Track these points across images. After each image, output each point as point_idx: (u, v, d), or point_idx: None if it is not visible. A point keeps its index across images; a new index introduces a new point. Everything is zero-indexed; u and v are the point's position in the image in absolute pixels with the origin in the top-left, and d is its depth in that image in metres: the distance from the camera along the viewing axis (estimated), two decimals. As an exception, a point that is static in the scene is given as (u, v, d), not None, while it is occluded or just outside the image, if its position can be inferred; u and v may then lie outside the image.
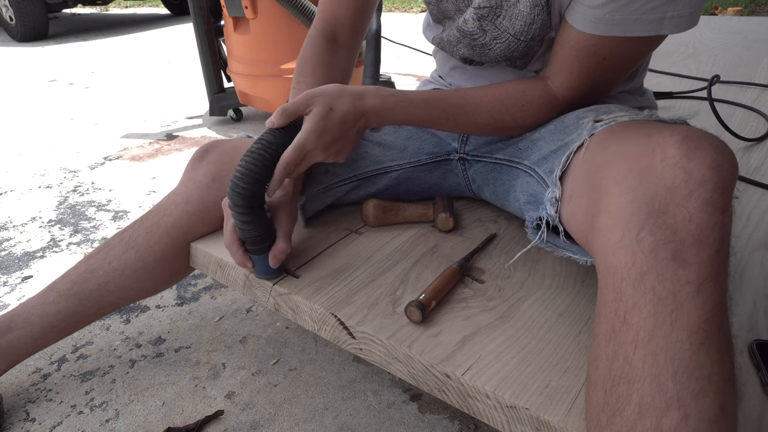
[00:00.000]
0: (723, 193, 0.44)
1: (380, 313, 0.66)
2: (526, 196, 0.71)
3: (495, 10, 0.69)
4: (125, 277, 0.84)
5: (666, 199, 0.44)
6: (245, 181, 0.63)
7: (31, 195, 1.75)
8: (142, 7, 6.78)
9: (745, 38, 2.03)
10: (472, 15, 0.71)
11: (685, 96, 1.42)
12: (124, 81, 3.24)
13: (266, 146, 0.64)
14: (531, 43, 0.70)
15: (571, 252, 0.62)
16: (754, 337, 0.61)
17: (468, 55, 0.77)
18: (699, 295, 0.42)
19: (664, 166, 0.46)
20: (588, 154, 0.58)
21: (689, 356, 0.41)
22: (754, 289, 0.68)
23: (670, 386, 0.40)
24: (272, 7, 1.93)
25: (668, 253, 0.43)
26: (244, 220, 0.65)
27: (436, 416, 0.86)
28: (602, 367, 0.45)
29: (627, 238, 0.45)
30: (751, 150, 1.08)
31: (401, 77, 2.98)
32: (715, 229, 0.43)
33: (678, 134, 0.47)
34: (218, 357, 1.01)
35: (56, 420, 0.88)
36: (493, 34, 0.71)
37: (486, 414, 0.56)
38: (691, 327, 0.41)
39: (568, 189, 0.60)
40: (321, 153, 0.66)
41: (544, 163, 0.68)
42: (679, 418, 0.39)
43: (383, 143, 0.86)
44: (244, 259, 0.70)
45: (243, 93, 2.22)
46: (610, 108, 0.67)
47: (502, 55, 0.73)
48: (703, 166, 0.44)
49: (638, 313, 0.43)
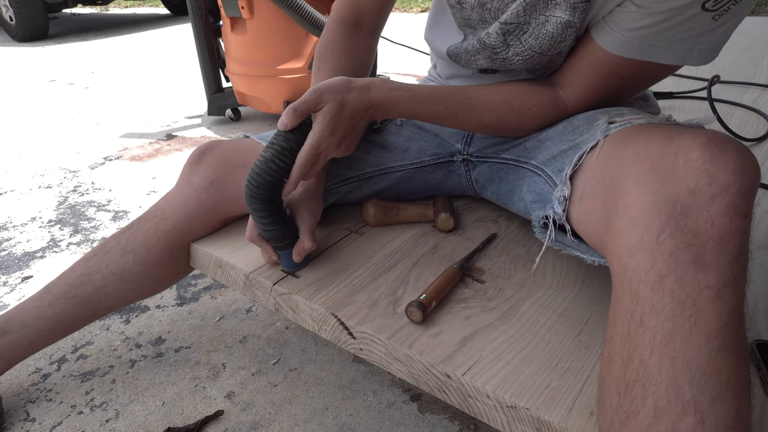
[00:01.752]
0: (745, 198, 0.43)
1: (380, 313, 0.66)
2: (532, 195, 0.71)
3: (522, 26, 0.66)
4: (123, 281, 0.83)
5: (688, 202, 0.44)
6: (261, 188, 0.64)
7: (31, 195, 1.75)
8: (142, 7, 6.78)
9: (745, 38, 2.03)
10: (497, 29, 0.68)
11: (685, 96, 1.42)
12: (124, 81, 3.24)
13: (280, 152, 0.64)
14: (557, 57, 0.69)
15: (580, 251, 0.62)
16: (754, 337, 0.61)
17: (487, 66, 0.75)
18: (719, 300, 0.42)
19: (687, 168, 0.45)
20: (603, 154, 0.57)
21: (707, 361, 0.40)
22: (754, 289, 0.68)
23: (687, 391, 0.40)
24: (269, 7, 1.93)
25: (689, 257, 0.43)
26: (265, 222, 0.67)
27: (436, 416, 0.86)
28: (616, 370, 0.45)
29: (647, 239, 0.45)
30: (752, 150, 1.08)
31: (401, 77, 2.98)
32: (737, 234, 0.43)
33: (702, 138, 0.46)
34: (218, 357, 1.01)
35: (56, 420, 0.88)
36: (517, 50, 0.68)
37: (486, 414, 0.56)
38: (710, 332, 0.41)
39: (579, 189, 0.60)
40: (334, 149, 0.67)
41: (553, 163, 0.67)
42: (696, 422, 0.39)
43: (385, 144, 0.86)
44: (270, 254, 0.71)
45: (241, 93, 2.22)
46: (622, 111, 0.66)
47: (523, 68, 0.73)
48: (727, 170, 0.44)
49: (656, 316, 0.43)
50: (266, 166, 0.63)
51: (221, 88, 2.36)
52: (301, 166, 0.64)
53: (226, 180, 0.79)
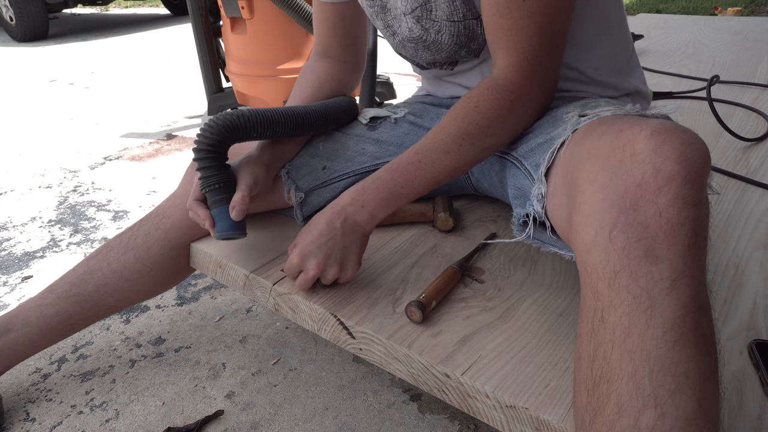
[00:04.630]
0: (693, 187, 0.43)
1: (380, 313, 0.66)
2: (514, 190, 0.71)
3: (425, 6, 0.71)
4: (124, 280, 0.84)
5: (636, 195, 0.44)
6: (211, 131, 0.69)
7: (31, 195, 1.75)
8: (142, 7, 6.77)
9: (745, 38, 2.03)
10: (411, 22, 0.75)
11: (684, 96, 1.42)
12: (124, 81, 3.24)
13: (240, 115, 0.70)
14: (467, 22, 0.71)
15: (557, 248, 0.62)
16: (754, 337, 0.61)
17: (432, 59, 0.79)
18: (673, 291, 0.42)
19: (633, 161, 0.45)
20: (567, 151, 0.57)
21: (664, 354, 0.40)
22: (754, 289, 0.68)
23: (647, 384, 0.40)
24: (269, 7, 1.93)
25: (640, 251, 0.43)
26: (204, 166, 0.69)
27: (436, 416, 0.86)
28: (584, 367, 0.45)
29: (600, 236, 0.45)
30: (751, 150, 1.08)
31: (401, 77, 2.98)
32: (686, 223, 0.43)
33: (647, 129, 0.46)
34: (218, 357, 1.01)
35: (56, 420, 0.88)
36: (435, 28, 0.73)
37: (486, 414, 0.56)
38: (665, 324, 0.41)
39: (550, 185, 0.60)
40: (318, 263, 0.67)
41: (531, 156, 0.67)
42: (656, 416, 0.39)
43: (380, 140, 0.86)
44: (205, 215, 0.70)
45: (241, 93, 2.22)
46: (598, 102, 0.66)
47: (453, 45, 0.75)
48: (671, 160, 0.44)
49: (614, 311, 0.43)
50: (222, 117, 0.69)
51: (221, 88, 2.36)
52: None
53: None
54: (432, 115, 0.89)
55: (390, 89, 2.41)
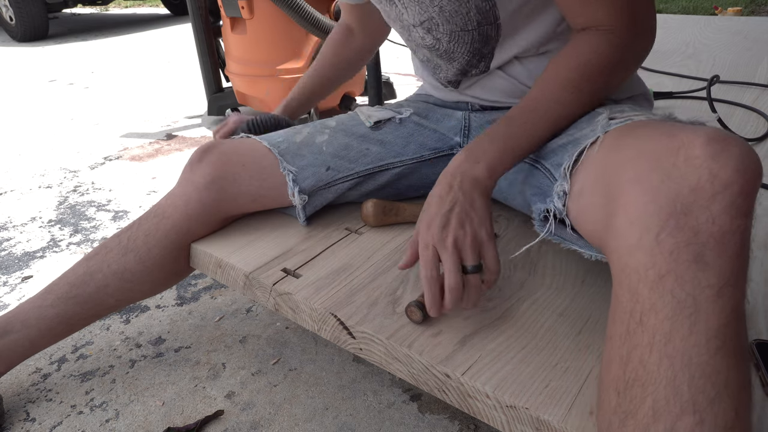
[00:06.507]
0: (747, 197, 0.43)
1: (380, 313, 0.66)
2: (532, 188, 0.70)
3: (432, 19, 0.74)
4: (124, 280, 0.83)
5: (689, 199, 0.44)
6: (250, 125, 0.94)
7: (31, 195, 1.75)
8: (142, 7, 6.77)
9: (745, 38, 2.03)
10: (422, 32, 0.77)
11: (684, 96, 1.42)
12: (124, 81, 3.24)
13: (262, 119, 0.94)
14: (481, 28, 0.72)
15: (578, 246, 0.61)
16: (754, 337, 0.61)
17: (457, 68, 0.81)
18: (719, 299, 0.41)
19: (688, 166, 0.45)
20: (602, 151, 0.57)
21: (706, 361, 0.40)
22: (755, 289, 0.68)
23: (685, 390, 0.40)
24: (269, 7, 1.93)
25: (689, 256, 0.42)
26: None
27: (436, 416, 0.86)
28: (616, 369, 0.45)
29: (646, 239, 0.44)
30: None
31: (401, 77, 2.98)
32: (737, 232, 0.42)
33: (704, 135, 0.45)
34: (218, 357, 1.01)
35: (56, 420, 0.88)
36: (446, 38, 0.75)
37: (486, 414, 0.56)
38: (709, 331, 0.41)
39: (577, 184, 0.59)
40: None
41: (552, 156, 0.67)
42: (694, 423, 0.39)
43: (384, 141, 0.86)
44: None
45: (241, 93, 2.22)
46: (623, 108, 0.66)
47: (468, 53, 0.75)
48: (729, 168, 0.43)
49: (655, 315, 0.43)
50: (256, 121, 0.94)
51: (221, 88, 2.36)
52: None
53: (227, 178, 0.80)
54: (438, 116, 0.89)
55: (390, 89, 2.41)
